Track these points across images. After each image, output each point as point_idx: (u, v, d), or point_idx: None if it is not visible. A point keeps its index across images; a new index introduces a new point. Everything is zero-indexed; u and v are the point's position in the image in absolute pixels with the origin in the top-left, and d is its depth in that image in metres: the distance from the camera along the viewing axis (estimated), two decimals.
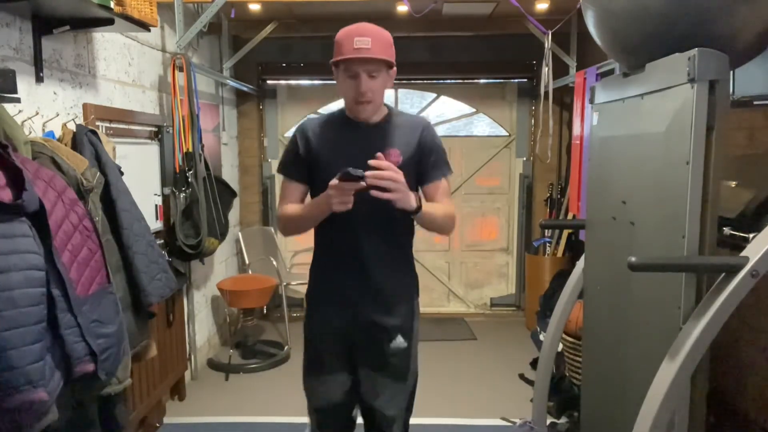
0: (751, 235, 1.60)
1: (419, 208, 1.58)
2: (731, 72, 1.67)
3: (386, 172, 1.49)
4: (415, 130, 1.73)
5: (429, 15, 3.60)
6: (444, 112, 4.89)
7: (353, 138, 1.71)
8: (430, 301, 4.99)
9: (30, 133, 1.99)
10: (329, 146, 1.72)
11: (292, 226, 1.77)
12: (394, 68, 1.68)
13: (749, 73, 1.96)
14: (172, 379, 3.17)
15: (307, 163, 1.74)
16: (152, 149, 3.04)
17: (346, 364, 1.79)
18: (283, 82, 4.84)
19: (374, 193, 1.49)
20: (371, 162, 1.49)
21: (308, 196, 1.80)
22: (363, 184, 1.49)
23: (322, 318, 1.81)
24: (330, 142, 1.73)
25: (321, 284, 1.82)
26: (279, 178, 1.83)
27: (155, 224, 2.98)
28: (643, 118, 1.71)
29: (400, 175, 1.51)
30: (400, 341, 1.75)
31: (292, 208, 1.75)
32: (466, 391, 3.46)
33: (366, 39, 1.59)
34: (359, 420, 1.90)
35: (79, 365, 1.50)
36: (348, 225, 1.67)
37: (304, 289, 1.93)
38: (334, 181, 1.50)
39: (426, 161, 1.73)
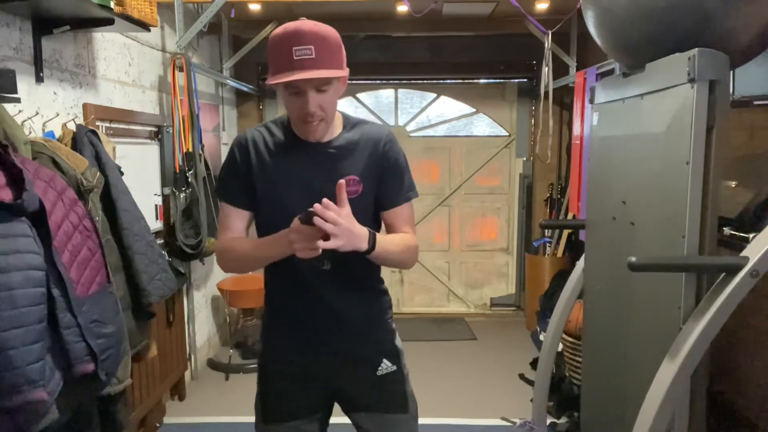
0: (751, 235, 1.60)
1: (371, 249, 1.33)
2: (731, 72, 1.67)
3: (328, 213, 1.23)
4: (375, 147, 1.47)
5: (429, 15, 3.59)
6: (444, 112, 4.88)
7: (304, 162, 1.44)
8: (430, 301, 5.00)
9: (30, 133, 1.99)
10: (276, 170, 1.45)
11: (236, 265, 1.50)
12: (347, 70, 1.40)
13: (749, 73, 1.97)
14: (172, 379, 3.17)
15: (249, 187, 1.46)
16: (152, 149, 3.04)
17: (316, 411, 1.57)
18: None
19: (320, 244, 1.23)
20: (316, 207, 1.23)
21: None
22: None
23: (283, 361, 1.55)
24: (276, 166, 1.45)
25: (278, 325, 1.56)
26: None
27: (155, 224, 2.98)
28: (643, 118, 1.71)
29: (342, 217, 1.25)
30: (387, 365, 1.54)
31: (238, 243, 1.47)
32: (466, 391, 3.46)
33: (308, 48, 1.31)
34: None
35: (79, 365, 1.50)
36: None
37: None
38: (296, 223, 1.26)
39: (386, 184, 1.48)
